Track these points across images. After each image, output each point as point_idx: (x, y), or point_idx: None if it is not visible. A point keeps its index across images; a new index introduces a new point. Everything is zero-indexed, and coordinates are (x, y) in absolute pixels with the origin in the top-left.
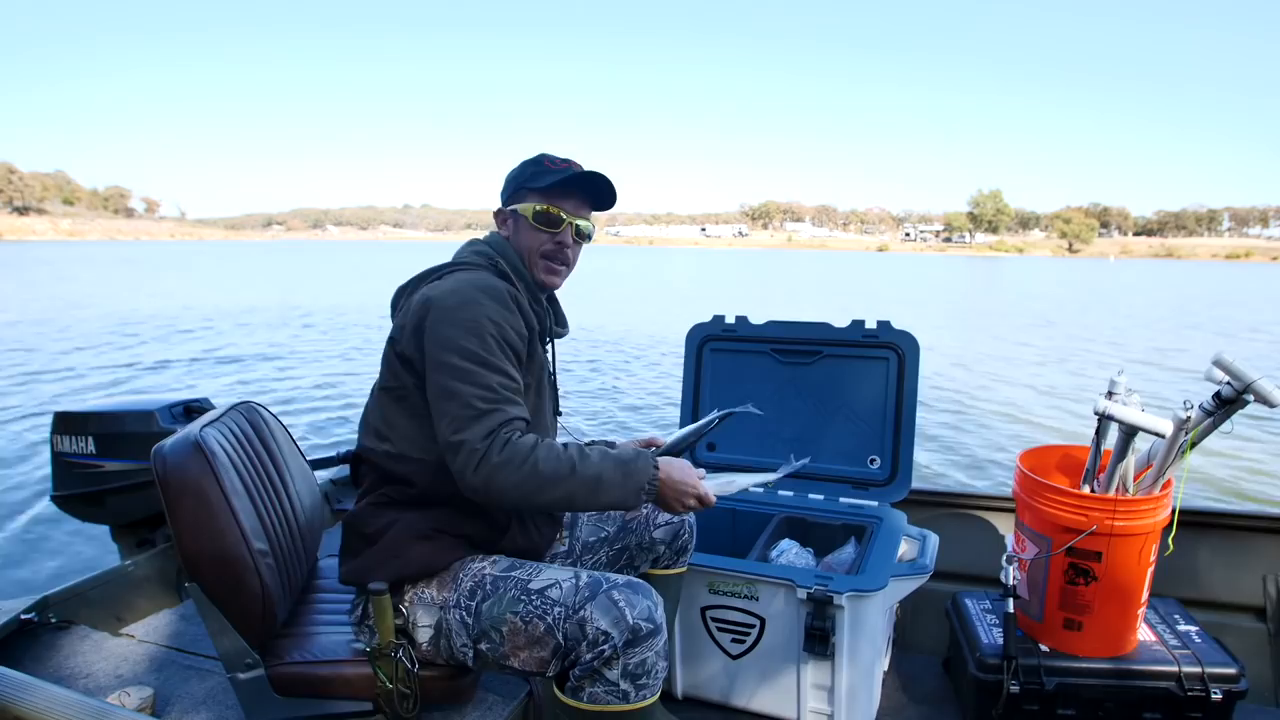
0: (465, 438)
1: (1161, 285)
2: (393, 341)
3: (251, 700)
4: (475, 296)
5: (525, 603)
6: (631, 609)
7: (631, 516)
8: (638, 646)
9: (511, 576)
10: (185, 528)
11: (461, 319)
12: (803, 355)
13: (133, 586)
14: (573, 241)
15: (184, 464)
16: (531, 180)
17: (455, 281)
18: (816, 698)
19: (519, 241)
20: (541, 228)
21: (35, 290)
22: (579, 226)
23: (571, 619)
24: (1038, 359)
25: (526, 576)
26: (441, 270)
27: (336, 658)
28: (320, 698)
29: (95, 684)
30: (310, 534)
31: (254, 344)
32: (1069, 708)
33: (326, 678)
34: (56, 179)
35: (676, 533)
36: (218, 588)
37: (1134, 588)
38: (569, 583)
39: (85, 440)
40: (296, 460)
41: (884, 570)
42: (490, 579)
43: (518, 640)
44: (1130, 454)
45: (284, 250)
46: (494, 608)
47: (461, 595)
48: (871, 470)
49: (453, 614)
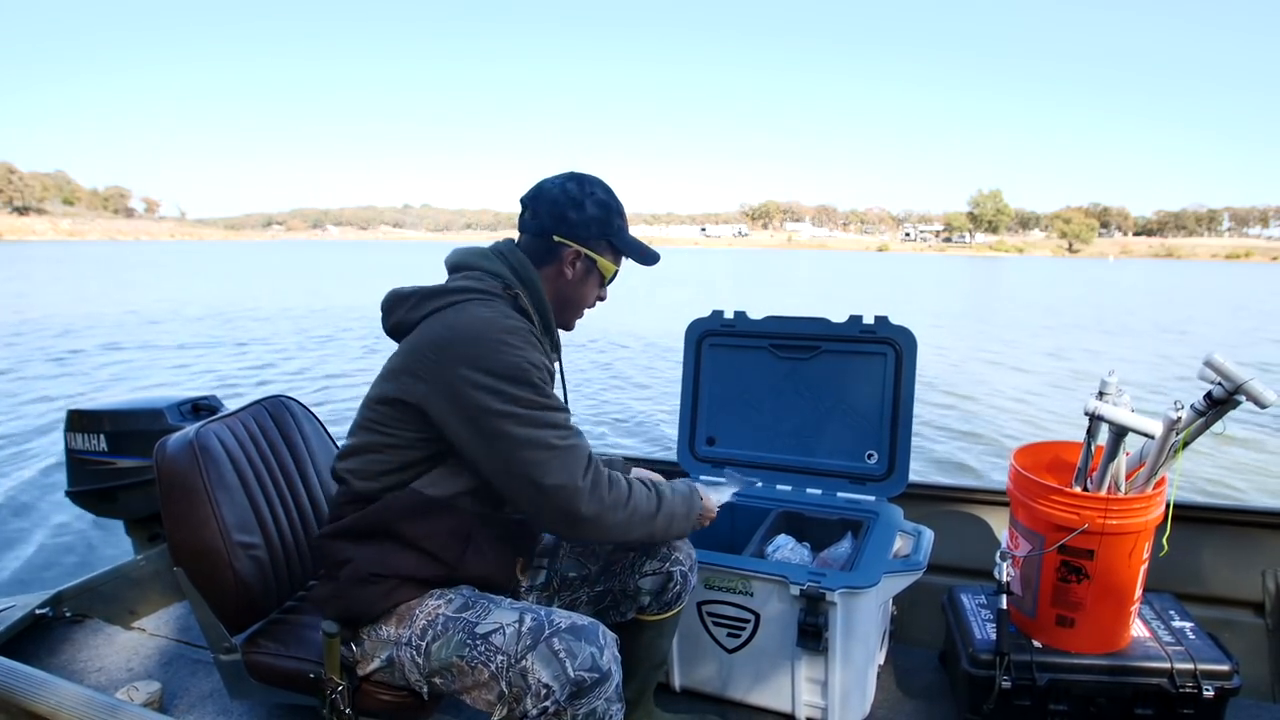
0: (563, 481)
1: (1161, 285)
2: (393, 374)
3: (231, 681)
4: (507, 340)
5: (470, 647)
6: (573, 660)
7: (616, 559)
8: (584, 698)
9: (461, 618)
10: (171, 518)
11: (502, 368)
12: (801, 351)
13: (144, 581)
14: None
15: (176, 459)
16: (617, 234)
17: (477, 322)
18: (811, 692)
19: (568, 286)
20: (599, 284)
21: (90, 288)
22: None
23: (514, 668)
24: (1035, 357)
25: (475, 619)
26: (453, 295)
27: (307, 656)
28: (290, 690)
29: (107, 677)
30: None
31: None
32: (1061, 703)
33: (293, 673)
34: (56, 179)
35: (665, 584)
36: (197, 575)
37: (1126, 586)
38: (512, 628)
39: (98, 438)
40: (328, 454)
41: (877, 567)
42: (442, 619)
43: (465, 681)
44: (1121, 453)
45: (289, 249)
46: (442, 649)
47: (414, 634)
48: (869, 465)
49: (404, 651)
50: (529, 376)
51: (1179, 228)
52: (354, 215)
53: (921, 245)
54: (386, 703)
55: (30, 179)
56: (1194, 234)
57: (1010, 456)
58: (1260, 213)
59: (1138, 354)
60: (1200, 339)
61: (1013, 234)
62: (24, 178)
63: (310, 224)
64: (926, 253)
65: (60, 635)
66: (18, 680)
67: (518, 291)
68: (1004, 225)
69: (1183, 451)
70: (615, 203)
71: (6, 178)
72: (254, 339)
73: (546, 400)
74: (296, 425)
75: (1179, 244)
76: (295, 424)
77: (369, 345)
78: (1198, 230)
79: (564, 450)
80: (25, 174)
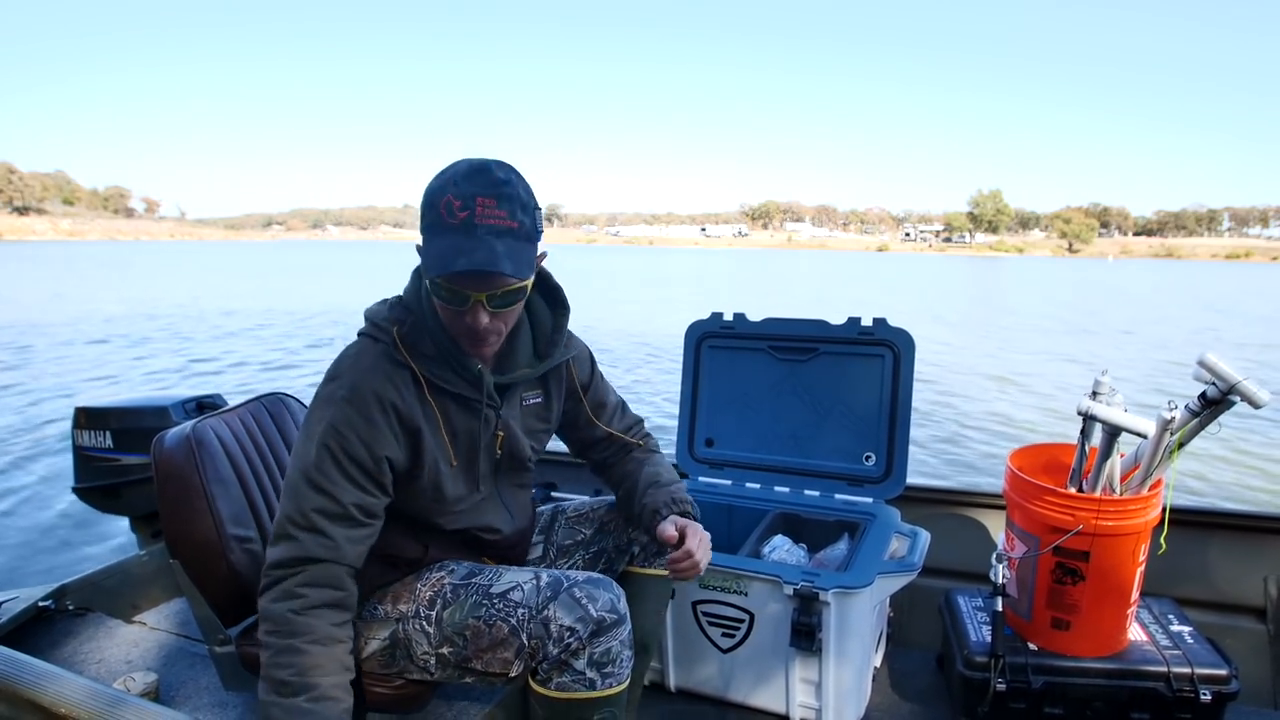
0: (269, 553)
1: (1161, 285)
2: None
3: (226, 673)
4: (332, 393)
5: (488, 606)
6: (594, 603)
7: (610, 519)
8: (602, 636)
9: (472, 583)
10: (168, 511)
11: (311, 418)
12: (799, 352)
13: (147, 576)
14: (489, 316)
15: (172, 453)
16: (429, 231)
17: (335, 363)
18: (805, 692)
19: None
20: (444, 304)
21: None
22: (492, 298)
23: (536, 619)
24: (1033, 356)
25: (487, 582)
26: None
27: None
28: None
29: (107, 669)
30: None
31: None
32: (1056, 706)
33: None
34: (56, 179)
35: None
36: (191, 567)
37: (1123, 588)
38: (530, 584)
39: (104, 435)
40: None
41: (871, 567)
42: (450, 587)
43: (481, 643)
44: (1115, 454)
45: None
46: (455, 614)
47: (420, 605)
48: (866, 467)
49: (412, 624)
50: (318, 440)
51: (1179, 228)
52: (354, 215)
53: (921, 245)
54: (381, 693)
55: (30, 179)
56: (1194, 234)
57: (1007, 457)
58: (1260, 213)
59: (1131, 353)
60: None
61: (1013, 234)
62: (24, 178)
63: (310, 224)
64: (926, 253)
65: (62, 628)
66: (19, 670)
67: (405, 320)
68: (1004, 225)
69: (1178, 453)
70: (438, 190)
71: (6, 178)
72: (255, 339)
73: (316, 477)
74: (294, 422)
75: (1179, 244)
76: (293, 420)
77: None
78: (1198, 230)
79: (287, 538)
80: (25, 174)
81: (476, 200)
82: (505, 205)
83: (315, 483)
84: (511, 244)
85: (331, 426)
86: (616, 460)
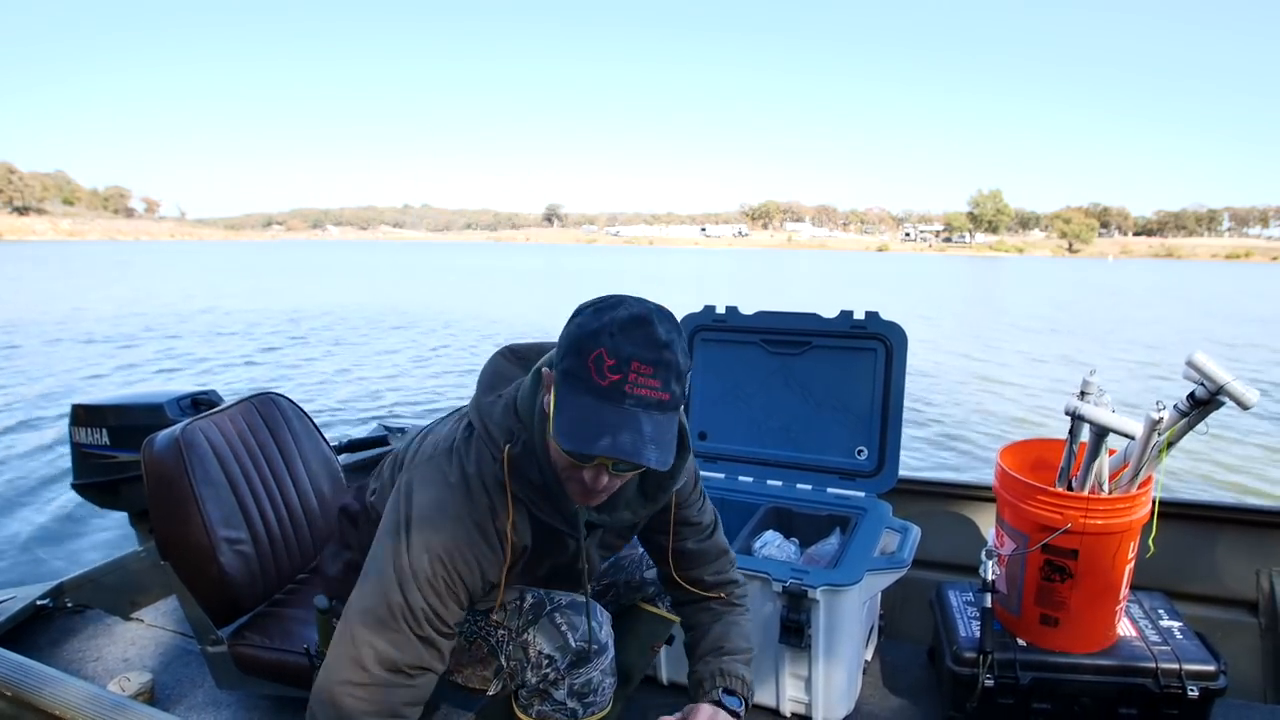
0: (317, 682)
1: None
2: (378, 476)
3: (218, 671)
4: (401, 564)
5: (470, 622)
6: (574, 631)
7: (625, 553)
8: (582, 668)
9: None
10: (158, 514)
11: (381, 571)
12: (792, 346)
13: (144, 573)
14: (608, 478)
15: (162, 455)
16: (569, 382)
17: (416, 504)
18: (795, 687)
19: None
20: (566, 454)
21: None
22: (619, 465)
23: (515, 641)
24: (1030, 355)
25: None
26: (439, 439)
27: (289, 648)
28: (276, 681)
29: (104, 667)
30: (320, 522)
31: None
32: (1044, 702)
33: (279, 664)
34: (56, 179)
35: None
36: (182, 569)
37: (1111, 585)
38: (513, 605)
39: (100, 432)
40: (317, 450)
41: (860, 564)
42: None
43: (460, 658)
44: (1103, 453)
45: (289, 249)
46: None
47: None
48: (859, 461)
49: None
50: (393, 602)
51: (1179, 228)
52: (354, 215)
53: (921, 245)
54: None
55: (30, 179)
56: (1194, 234)
57: (997, 454)
58: (1260, 213)
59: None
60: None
61: (1013, 234)
62: (24, 178)
63: (310, 224)
64: (926, 253)
65: (61, 626)
66: (16, 673)
67: (501, 452)
68: (1004, 225)
69: (1167, 452)
70: (591, 339)
71: (6, 178)
72: (254, 338)
73: (405, 626)
74: (285, 422)
75: (1179, 244)
76: (284, 421)
77: (368, 343)
78: (1198, 230)
79: (362, 681)
80: (25, 174)
81: (632, 364)
82: (662, 374)
83: (399, 628)
84: (659, 421)
85: (402, 596)
86: (688, 601)
